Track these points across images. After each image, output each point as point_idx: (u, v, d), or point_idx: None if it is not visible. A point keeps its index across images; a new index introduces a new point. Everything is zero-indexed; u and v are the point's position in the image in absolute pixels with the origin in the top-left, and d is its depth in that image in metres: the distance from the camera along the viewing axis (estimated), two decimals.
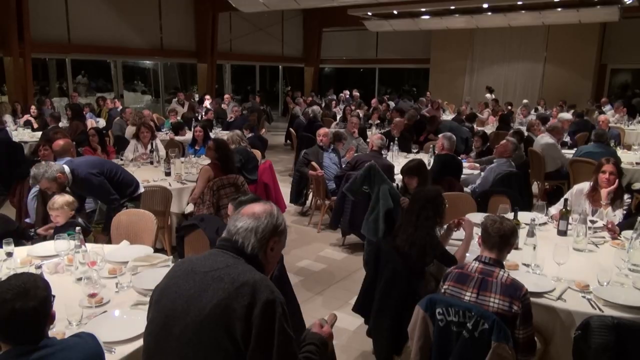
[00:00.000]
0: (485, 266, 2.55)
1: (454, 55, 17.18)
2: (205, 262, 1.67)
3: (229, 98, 13.51)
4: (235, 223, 1.73)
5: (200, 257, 1.72)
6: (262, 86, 20.83)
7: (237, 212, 1.76)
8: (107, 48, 13.65)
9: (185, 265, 1.71)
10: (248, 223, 1.72)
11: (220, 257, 1.68)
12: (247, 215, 1.74)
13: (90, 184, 4.15)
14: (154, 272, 2.99)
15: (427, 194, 3.29)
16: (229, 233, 1.72)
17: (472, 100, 15.54)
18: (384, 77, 20.63)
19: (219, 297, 1.54)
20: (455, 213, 3.96)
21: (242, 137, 6.28)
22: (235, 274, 1.59)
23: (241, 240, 1.70)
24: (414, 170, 4.35)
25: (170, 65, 17.86)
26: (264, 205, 1.78)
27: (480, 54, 17.11)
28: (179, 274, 1.69)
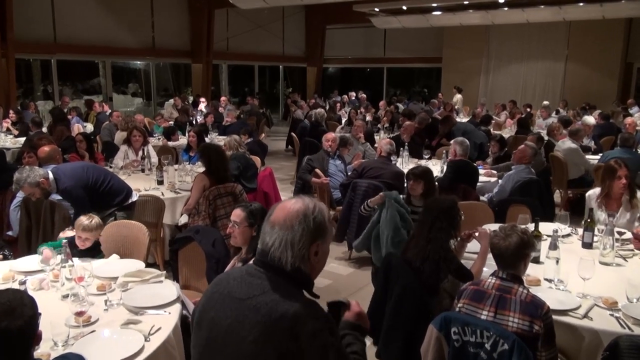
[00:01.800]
0: (503, 282, 2.54)
1: (468, 53, 17.22)
2: (242, 287, 1.61)
3: (225, 100, 13.58)
4: (267, 238, 1.63)
5: (236, 275, 1.66)
6: (262, 88, 20.91)
7: (267, 220, 1.66)
8: (96, 48, 13.76)
9: (222, 286, 1.66)
10: (281, 236, 1.60)
11: (257, 279, 1.60)
12: (278, 226, 1.61)
13: (70, 195, 4.23)
14: (146, 289, 2.99)
15: (440, 203, 3.28)
16: (264, 248, 1.63)
17: (488, 101, 15.55)
18: (393, 77, 20.69)
19: (256, 332, 1.51)
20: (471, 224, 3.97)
21: (240, 142, 6.30)
22: (273, 304, 1.53)
23: (278, 256, 1.60)
24: (422, 175, 4.37)
25: (162, 65, 17.96)
26: (295, 205, 1.64)
27: (497, 52, 17.14)
28: (217, 298, 1.65)
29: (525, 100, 15.48)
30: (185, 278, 3.75)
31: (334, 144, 6.49)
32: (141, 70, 17.86)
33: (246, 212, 2.96)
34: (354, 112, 11.73)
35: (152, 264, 4.92)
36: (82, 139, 6.67)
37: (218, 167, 4.88)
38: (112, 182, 4.55)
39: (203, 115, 11.86)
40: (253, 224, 2.93)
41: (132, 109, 16.60)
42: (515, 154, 5.76)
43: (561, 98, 15.19)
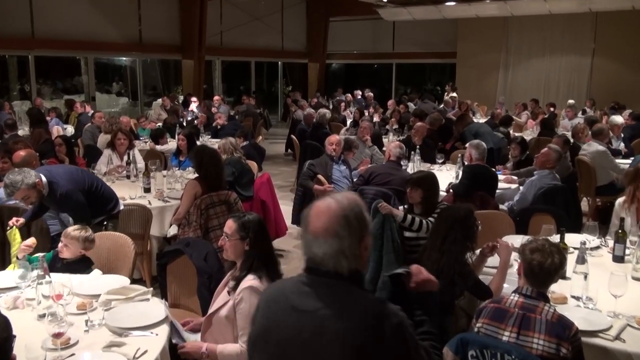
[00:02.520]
0: (527, 300, 2.53)
1: (485, 48, 17.24)
2: (307, 299, 1.66)
3: (219, 100, 13.61)
4: (314, 249, 1.68)
5: (293, 288, 1.71)
6: (259, 86, 20.97)
7: (306, 230, 1.70)
8: (77, 43, 13.81)
9: (282, 301, 1.71)
10: (331, 246, 1.66)
11: (319, 288, 1.67)
12: (322, 236, 1.67)
13: (69, 201, 4.17)
14: (131, 307, 2.98)
15: (455, 212, 3.27)
16: (314, 259, 1.69)
17: (508, 100, 15.54)
18: (403, 74, 20.72)
19: (346, 340, 1.58)
20: (489, 235, 3.95)
21: (235, 146, 6.30)
22: (350, 308, 1.63)
23: (332, 266, 1.67)
24: (419, 181, 4.30)
25: (150, 62, 18.03)
26: (330, 208, 1.69)
27: (516, 46, 17.16)
28: (278, 313, 1.69)
29: (549, 98, 15.47)
30: (174, 295, 3.73)
31: (338, 147, 6.48)
32: (127, 67, 17.93)
33: (238, 223, 2.94)
34: (360, 112, 11.73)
35: (138, 280, 4.91)
36: (62, 142, 6.68)
37: (209, 172, 4.86)
38: (103, 188, 4.59)
39: (194, 116, 11.89)
40: (245, 236, 2.90)
41: (116, 109, 16.67)
42: (538, 158, 5.74)
43: (588, 96, 15.18)
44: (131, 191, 5.61)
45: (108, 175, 6.31)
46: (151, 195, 5.56)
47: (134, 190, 5.68)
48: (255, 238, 2.89)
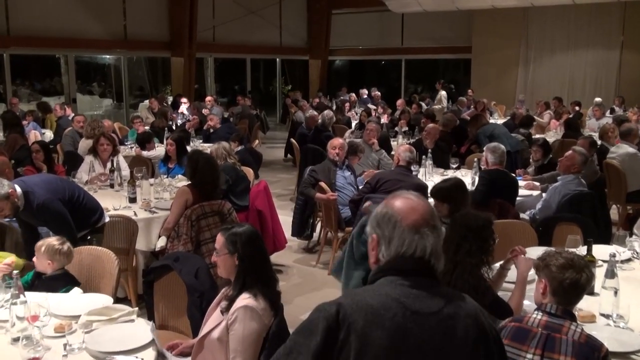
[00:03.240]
0: (551, 318, 2.52)
1: (503, 42, 17.26)
2: (423, 300, 1.76)
3: (211, 101, 13.63)
4: (425, 242, 1.82)
5: (398, 294, 1.76)
6: (255, 85, 21.02)
7: (399, 224, 1.82)
8: (56, 40, 13.87)
9: (395, 308, 1.74)
10: (437, 239, 1.84)
11: (431, 288, 1.81)
12: (429, 228, 1.83)
13: (47, 212, 4.15)
14: (114, 329, 2.97)
15: (469, 220, 3.25)
16: (421, 255, 1.81)
17: (528, 99, 15.53)
18: (413, 71, 20.75)
19: (469, 336, 1.78)
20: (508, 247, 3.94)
21: (229, 151, 6.30)
22: (461, 306, 1.81)
23: (434, 262, 1.83)
24: (443, 193, 4.24)
25: (136, 60, 18.10)
26: (421, 201, 1.89)
27: (537, 40, 17.18)
28: (399, 322, 1.73)
29: (573, 97, 15.47)
30: (162, 316, 3.72)
31: (342, 151, 6.48)
32: (111, 66, 18.00)
33: (225, 236, 2.93)
34: (366, 113, 11.74)
35: (122, 299, 4.89)
36: (40, 148, 6.69)
37: (204, 179, 4.86)
38: (86, 199, 4.58)
39: (185, 119, 11.91)
40: (234, 251, 2.89)
41: (99, 112, 16.72)
42: (562, 161, 5.73)
43: (616, 94, 15.16)
44: (115, 201, 5.60)
45: (90, 184, 6.31)
46: (137, 206, 5.55)
47: (118, 200, 5.67)
48: (244, 251, 2.88)
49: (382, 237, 1.83)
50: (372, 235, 1.88)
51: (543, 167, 6.98)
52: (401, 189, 5.82)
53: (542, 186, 6.26)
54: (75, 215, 4.35)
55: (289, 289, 5.79)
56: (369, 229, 1.90)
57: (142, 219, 5.21)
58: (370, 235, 1.89)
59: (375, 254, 1.86)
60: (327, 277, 6.12)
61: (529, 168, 7.24)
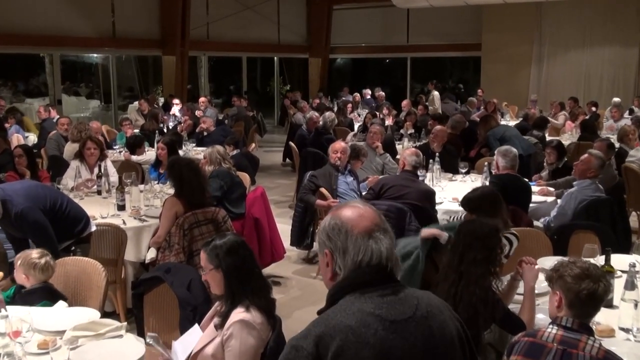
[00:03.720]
0: (568, 333, 2.51)
1: (515, 38, 17.28)
2: (396, 307, 1.79)
3: (205, 102, 13.65)
4: (380, 246, 1.84)
5: (371, 306, 1.78)
6: (252, 85, 21.05)
7: (350, 232, 1.84)
8: (41, 38, 13.87)
9: (371, 322, 1.75)
10: (390, 241, 1.88)
11: (398, 293, 1.84)
12: (381, 232, 1.86)
13: (25, 222, 4.15)
14: (101, 346, 2.96)
15: (476, 228, 3.25)
16: (378, 261, 1.83)
17: (542, 99, 15.53)
18: (419, 70, 20.78)
19: (454, 333, 1.87)
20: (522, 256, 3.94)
21: (223, 155, 6.30)
22: (429, 305, 1.87)
23: (391, 266, 1.86)
24: (472, 204, 4.21)
25: (125, 59, 18.12)
26: (368, 208, 1.93)
27: (551, 36, 17.20)
28: (381, 337, 1.75)
29: (590, 97, 15.48)
30: (152, 331, 3.68)
31: (344, 155, 6.48)
32: (98, 66, 18.03)
33: (207, 252, 2.92)
34: (370, 114, 11.74)
35: (110, 314, 4.90)
36: (22, 152, 6.69)
37: (192, 188, 4.86)
38: (70, 207, 4.57)
39: (177, 122, 11.91)
40: (218, 265, 2.88)
41: (86, 114, 16.72)
42: (577, 165, 5.73)
43: (635, 94, 15.18)
44: (102, 209, 5.61)
45: (76, 190, 6.31)
46: (126, 214, 5.54)
47: (106, 208, 5.67)
48: (227, 263, 2.87)
49: (336, 249, 1.85)
50: (324, 251, 1.88)
51: (557, 171, 6.98)
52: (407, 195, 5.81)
53: (557, 192, 6.25)
54: (58, 225, 4.34)
55: (287, 302, 5.78)
56: (319, 246, 1.92)
57: (131, 227, 5.20)
58: (321, 251, 1.90)
59: (330, 269, 1.87)
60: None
61: (542, 172, 7.24)
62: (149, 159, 8.14)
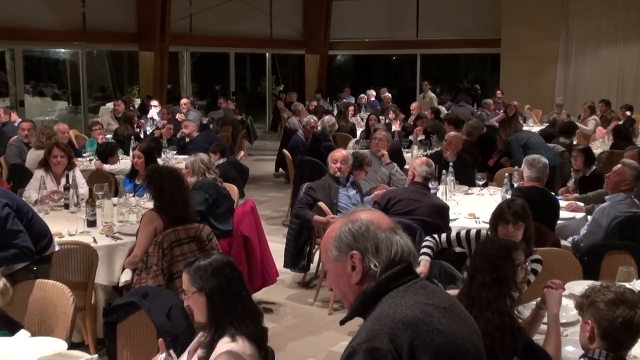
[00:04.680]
0: None
1: (538, 34, 17.32)
2: (438, 297, 2.04)
3: (187, 104, 13.65)
4: (406, 240, 2.10)
5: (421, 295, 2.01)
6: (240, 85, 21.06)
7: (379, 229, 2.06)
8: (0, 31, 13.86)
9: (431, 311, 1.96)
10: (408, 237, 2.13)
11: (428, 286, 2.09)
12: (400, 229, 2.13)
13: None
14: None
15: (485, 248, 3.28)
16: (407, 257, 2.07)
17: (569, 102, 15.56)
18: (430, 68, 20.83)
19: (472, 319, 2.14)
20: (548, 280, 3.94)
21: (208, 164, 6.30)
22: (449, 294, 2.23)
23: (412, 260, 2.11)
24: (524, 213, 4.19)
25: (97, 55, 18.13)
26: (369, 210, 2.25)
27: (579, 31, 17.25)
28: (444, 321, 1.96)
29: (624, 99, 15.48)
30: None
31: (345, 165, 6.47)
32: (66, 62, 18.04)
33: (189, 272, 2.91)
34: (375, 118, 11.75)
35: (79, 344, 4.88)
36: None
37: (174, 200, 4.85)
38: (35, 219, 4.56)
39: (155, 126, 11.91)
40: (201, 287, 2.87)
41: (52, 117, 16.71)
42: (610, 177, 5.73)
43: None
44: (70, 225, 5.58)
45: (40, 204, 6.29)
46: (97, 231, 5.53)
47: (74, 223, 5.64)
48: (211, 286, 2.86)
49: (366, 250, 2.03)
50: (349, 254, 2.03)
51: (585, 179, 6.97)
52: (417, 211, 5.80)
53: (587, 207, 6.24)
54: None
55: (281, 331, 5.76)
56: (337, 253, 2.07)
57: (103, 246, 5.18)
58: (345, 256, 2.04)
59: (361, 271, 2.02)
60: (328, 317, 6.10)
61: (569, 182, 7.23)
62: (123, 168, 8.14)
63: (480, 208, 6.13)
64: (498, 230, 4.21)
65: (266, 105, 21.09)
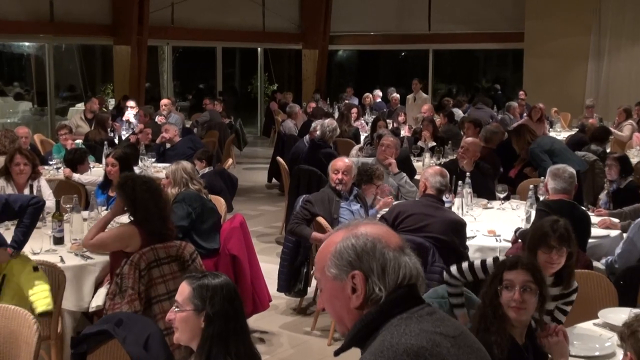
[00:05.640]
0: None
1: (567, 28, 17.37)
2: (446, 325, 2.01)
3: (168, 105, 13.63)
4: (416, 262, 2.09)
5: (428, 323, 1.98)
6: (228, 84, 21.08)
7: (387, 247, 2.04)
8: None
9: (439, 340, 1.94)
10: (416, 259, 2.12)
11: (435, 313, 2.05)
12: (409, 248, 2.12)
13: None
14: None
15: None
16: (415, 281, 2.06)
17: (602, 104, 15.57)
18: (444, 65, 20.87)
19: (481, 347, 2.13)
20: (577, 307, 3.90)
21: (191, 174, 6.29)
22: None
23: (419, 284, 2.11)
24: (570, 237, 4.13)
25: (66, 50, 18.15)
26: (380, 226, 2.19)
27: (614, 24, 17.29)
28: (454, 351, 1.95)
29: None
30: None
31: (348, 177, 6.45)
32: (31, 58, 18.05)
33: (193, 286, 2.92)
34: (383, 122, 11.75)
35: None
36: None
37: (149, 213, 4.86)
38: None
39: (131, 130, 11.91)
40: (202, 307, 2.88)
41: (14, 119, 16.71)
42: None
43: None
44: (34, 242, 5.55)
45: None
46: (64, 249, 5.52)
47: (39, 240, 5.62)
48: (216, 312, 2.87)
49: (371, 270, 1.99)
50: (350, 274, 2.00)
51: (619, 192, 6.97)
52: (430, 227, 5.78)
53: (623, 223, 6.23)
54: None
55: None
56: (336, 271, 2.02)
57: (71, 266, 5.17)
58: (346, 276, 2.01)
59: (362, 295, 1.99)
60: (327, 348, 6.06)
61: (601, 194, 7.22)
62: (95, 178, 8.12)
63: (501, 224, 6.12)
64: (538, 256, 4.06)
65: (258, 106, 21.11)
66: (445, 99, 16.80)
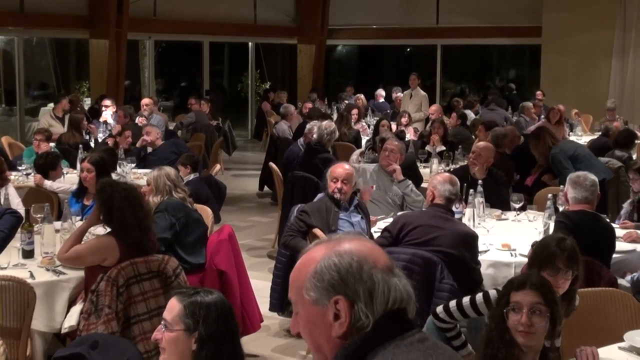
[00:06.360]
0: None
1: (588, 22, 17.41)
2: (438, 353, 1.97)
3: (150, 105, 13.65)
4: (406, 284, 2.01)
5: (417, 353, 1.93)
6: (216, 81, 21.08)
7: (374, 267, 1.96)
8: None
9: None
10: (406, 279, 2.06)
11: (424, 341, 1.99)
12: (397, 268, 2.03)
13: None
14: None
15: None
16: (405, 306, 1.99)
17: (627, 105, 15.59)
18: (453, 62, 20.89)
19: None
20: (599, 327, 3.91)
21: (175, 181, 6.29)
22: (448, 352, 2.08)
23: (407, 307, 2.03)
24: (575, 260, 4.06)
25: (37, 44, 18.15)
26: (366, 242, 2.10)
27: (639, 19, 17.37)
28: None
29: None
30: None
31: (348, 186, 6.45)
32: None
33: (184, 304, 2.91)
34: (387, 124, 11.75)
35: None
36: None
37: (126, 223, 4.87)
38: None
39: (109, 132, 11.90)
40: (193, 327, 2.87)
41: None
42: None
43: None
44: (1, 256, 5.57)
45: None
46: (35, 263, 5.51)
47: (6, 254, 5.63)
48: (209, 333, 2.86)
49: (357, 295, 1.91)
50: (332, 299, 1.91)
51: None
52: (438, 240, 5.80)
53: None
54: None
55: None
56: (316, 295, 1.94)
57: (42, 282, 5.16)
58: (327, 301, 1.92)
59: (346, 323, 1.91)
60: None
61: (624, 203, 7.23)
62: (69, 185, 8.12)
63: (517, 237, 6.12)
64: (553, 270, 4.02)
65: (248, 107, 21.12)
66: (455, 99, 16.83)
